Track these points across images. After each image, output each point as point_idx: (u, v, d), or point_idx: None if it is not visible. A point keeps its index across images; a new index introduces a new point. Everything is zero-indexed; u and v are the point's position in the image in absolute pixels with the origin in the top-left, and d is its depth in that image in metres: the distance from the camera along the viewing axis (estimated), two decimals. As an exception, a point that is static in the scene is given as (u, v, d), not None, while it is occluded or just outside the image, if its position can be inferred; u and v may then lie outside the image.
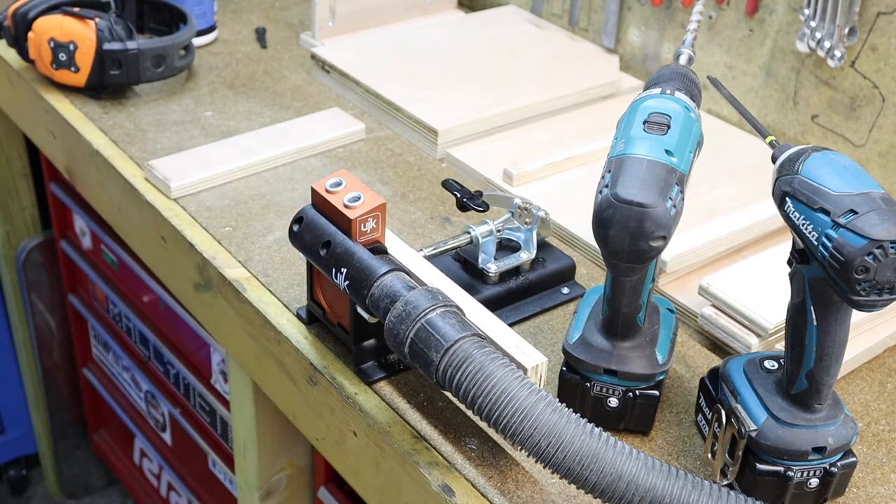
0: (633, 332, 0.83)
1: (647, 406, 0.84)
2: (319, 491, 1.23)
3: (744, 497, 0.68)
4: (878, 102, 1.16)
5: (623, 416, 0.84)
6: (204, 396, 1.42)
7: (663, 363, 0.83)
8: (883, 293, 0.68)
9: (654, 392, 0.83)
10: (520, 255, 1.00)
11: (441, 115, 1.25)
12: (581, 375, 0.84)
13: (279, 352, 0.98)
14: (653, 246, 0.73)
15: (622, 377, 0.83)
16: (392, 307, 0.79)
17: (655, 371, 0.83)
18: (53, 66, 1.26)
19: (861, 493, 0.82)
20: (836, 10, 1.14)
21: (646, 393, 0.83)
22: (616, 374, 0.83)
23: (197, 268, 1.08)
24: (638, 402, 0.83)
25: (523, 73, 1.37)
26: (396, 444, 0.85)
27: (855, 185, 0.69)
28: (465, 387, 0.74)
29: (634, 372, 0.82)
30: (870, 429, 0.88)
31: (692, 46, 0.85)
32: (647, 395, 0.83)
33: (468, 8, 1.63)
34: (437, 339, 0.76)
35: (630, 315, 0.82)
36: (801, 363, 0.75)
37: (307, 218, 0.88)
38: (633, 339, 0.83)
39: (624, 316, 0.81)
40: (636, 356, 0.83)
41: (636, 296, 0.80)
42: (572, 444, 0.69)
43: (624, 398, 0.83)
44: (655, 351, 0.84)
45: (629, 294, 0.80)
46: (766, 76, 1.27)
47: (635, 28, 1.40)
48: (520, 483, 0.81)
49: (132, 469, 1.83)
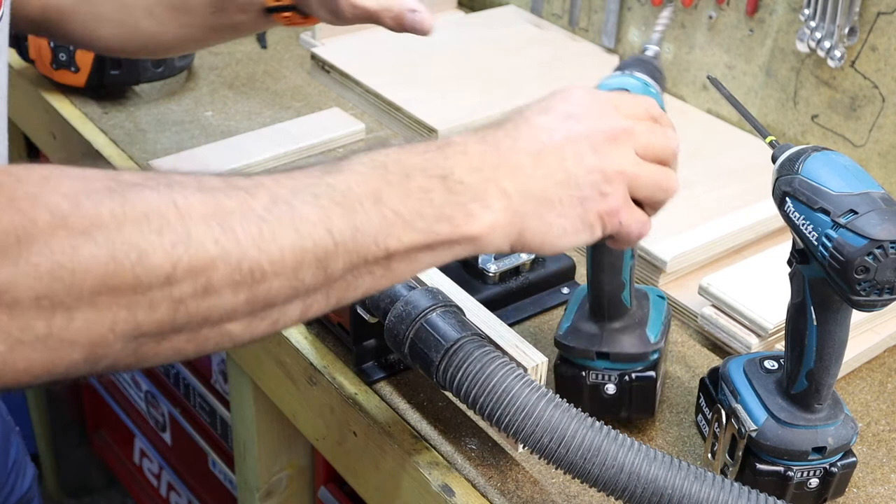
0: (620, 313, 0.83)
1: (646, 389, 0.83)
2: (319, 491, 1.23)
3: (747, 488, 0.68)
4: (878, 102, 1.16)
5: (623, 403, 0.84)
6: (204, 396, 1.42)
7: (656, 342, 0.83)
8: (883, 293, 0.68)
9: (650, 374, 0.83)
10: (520, 255, 1.00)
11: (441, 115, 1.25)
12: (576, 365, 0.84)
13: (279, 352, 0.98)
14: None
15: (615, 359, 0.82)
16: (392, 307, 0.79)
17: (648, 350, 0.82)
18: (53, 66, 1.26)
19: (861, 493, 0.82)
20: (836, 10, 1.14)
21: (642, 375, 0.83)
22: (608, 357, 0.82)
23: (197, 268, 1.08)
24: (635, 386, 0.83)
25: (523, 73, 1.37)
26: (396, 444, 0.85)
27: (855, 185, 0.69)
28: (465, 386, 0.74)
29: (626, 352, 0.82)
30: (870, 429, 0.88)
31: (659, 43, 0.86)
32: (643, 377, 0.83)
33: (468, 8, 1.63)
34: (438, 339, 0.76)
35: (614, 293, 0.81)
36: (801, 363, 0.75)
37: (307, 218, 0.88)
38: (621, 320, 0.83)
39: (608, 295, 0.81)
40: (626, 336, 0.82)
41: (616, 272, 0.80)
42: (574, 438, 0.69)
43: (620, 383, 0.83)
44: (646, 331, 0.83)
45: (608, 270, 0.80)
46: (766, 76, 1.27)
47: (635, 28, 1.40)
48: (520, 483, 0.81)
49: (132, 469, 1.82)
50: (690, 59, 1.35)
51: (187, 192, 0.53)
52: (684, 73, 1.36)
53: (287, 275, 0.55)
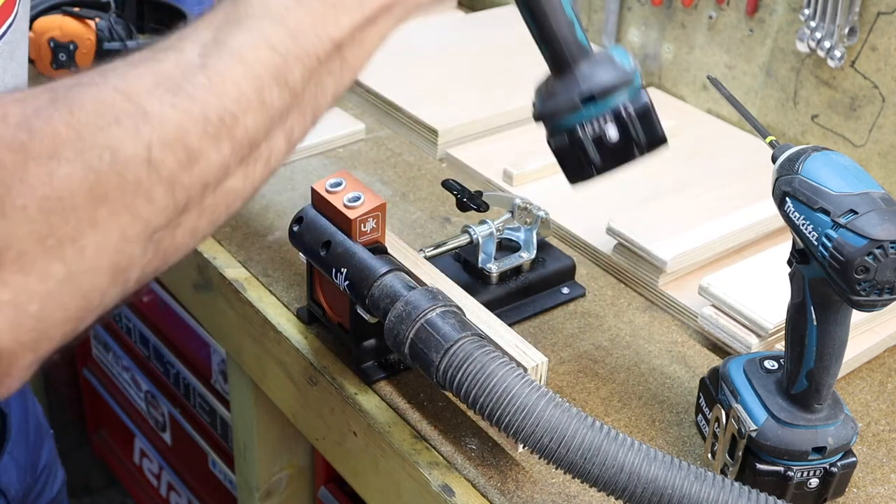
0: (582, 53, 0.77)
1: (645, 118, 0.77)
2: (319, 491, 1.23)
3: (747, 488, 0.68)
4: (878, 102, 1.16)
5: (630, 142, 0.77)
6: (204, 396, 1.42)
7: (632, 66, 0.77)
8: (883, 293, 0.68)
9: (643, 101, 0.77)
10: (520, 255, 1.00)
11: (441, 115, 1.25)
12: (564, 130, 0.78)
13: (279, 352, 0.98)
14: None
15: (601, 95, 0.76)
16: (392, 307, 0.79)
17: (628, 74, 0.76)
18: (53, 67, 1.26)
19: (861, 493, 0.82)
20: (836, 10, 1.14)
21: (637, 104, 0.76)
22: (594, 98, 0.76)
23: (197, 268, 1.08)
24: (633, 116, 0.76)
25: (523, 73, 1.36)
26: (396, 444, 0.85)
27: (855, 185, 0.69)
28: (466, 386, 0.74)
29: (607, 83, 0.75)
30: (870, 429, 0.88)
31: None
32: (640, 107, 0.76)
33: (468, 8, 1.63)
34: (437, 340, 0.76)
35: (567, 37, 0.76)
36: (801, 363, 0.75)
37: (307, 218, 0.88)
38: (587, 60, 0.77)
39: (563, 39, 0.76)
40: (600, 69, 0.75)
41: (557, 10, 0.75)
42: (574, 438, 0.69)
43: (618, 121, 0.77)
44: (616, 61, 0.77)
45: (550, 12, 0.75)
46: (766, 76, 1.27)
47: (635, 28, 1.40)
48: (520, 483, 0.81)
49: (132, 469, 1.82)
50: (690, 59, 1.35)
51: (122, 74, 0.51)
52: (684, 73, 1.36)
53: (254, 107, 0.54)
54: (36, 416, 1.04)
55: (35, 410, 1.05)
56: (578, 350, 0.95)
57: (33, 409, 1.03)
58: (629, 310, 1.01)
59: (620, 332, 0.98)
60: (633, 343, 0.96)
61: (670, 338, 0.97)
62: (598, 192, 1.16)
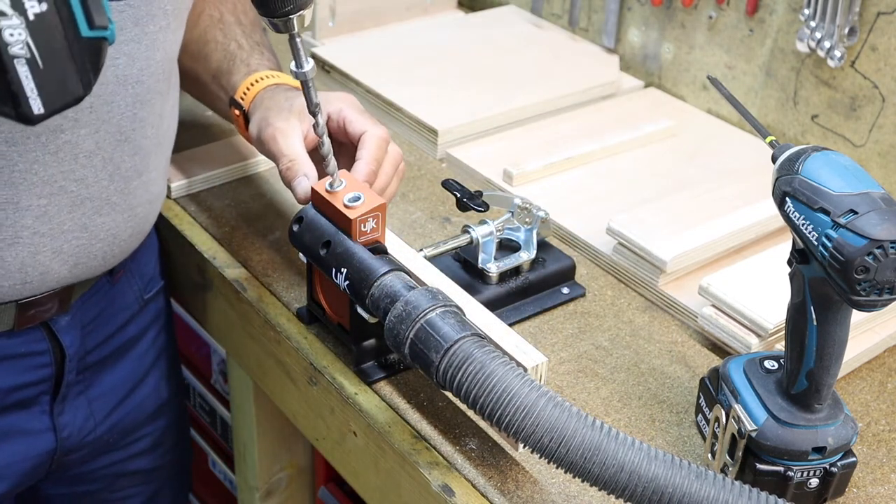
0: None
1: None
2: (319, 491, 1.23)
3: (748, 487, 0.68)
4: (878, 102, 1.16)
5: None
6: (204, 396, 1.42)
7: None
8: (883, 293, 0.68)
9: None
10: (520, 255, 1.00)
11: (441, 115, 1.25)
12: None
13: (279, 352, 0.98)
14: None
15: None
16: (392, 307, 0.79)
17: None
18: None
19: (861, 493, 0.82)
20: (836, 10, 1.14)
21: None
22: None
23: (197, 268, 1.08)
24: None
25: (523, 73, 1.37)
26: (396, 444, 0.85)
27: (855, 185, 0.69)
28: (466, 386, 0.74)
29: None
30: (870, 429, 0.88)
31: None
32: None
33: (468, 8, 1.63)
34: (437, 340, 0.76)
35: None
36: (801, 363, 0.75)
37: (307, 218, 0.88)
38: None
39: None
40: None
41: None
42: (574, 437, 0.69)
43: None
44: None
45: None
46: (766, 76, 1.27)
47: (635, 28, 1.40)
48: (520, 483, 0.81)
49: (132, 469, 1.82)
50: (690, 59, 1.35)
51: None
52: (684, 73, 1.36)
53: None
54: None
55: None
56: (578, 350, 0.95)
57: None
58: (629, 310, 1.01)
59: (620, 332, 0.98)
60: (633, 343, 0.96)
61: (670, 338, 0.97)
62: (599, 192, 1.17)
